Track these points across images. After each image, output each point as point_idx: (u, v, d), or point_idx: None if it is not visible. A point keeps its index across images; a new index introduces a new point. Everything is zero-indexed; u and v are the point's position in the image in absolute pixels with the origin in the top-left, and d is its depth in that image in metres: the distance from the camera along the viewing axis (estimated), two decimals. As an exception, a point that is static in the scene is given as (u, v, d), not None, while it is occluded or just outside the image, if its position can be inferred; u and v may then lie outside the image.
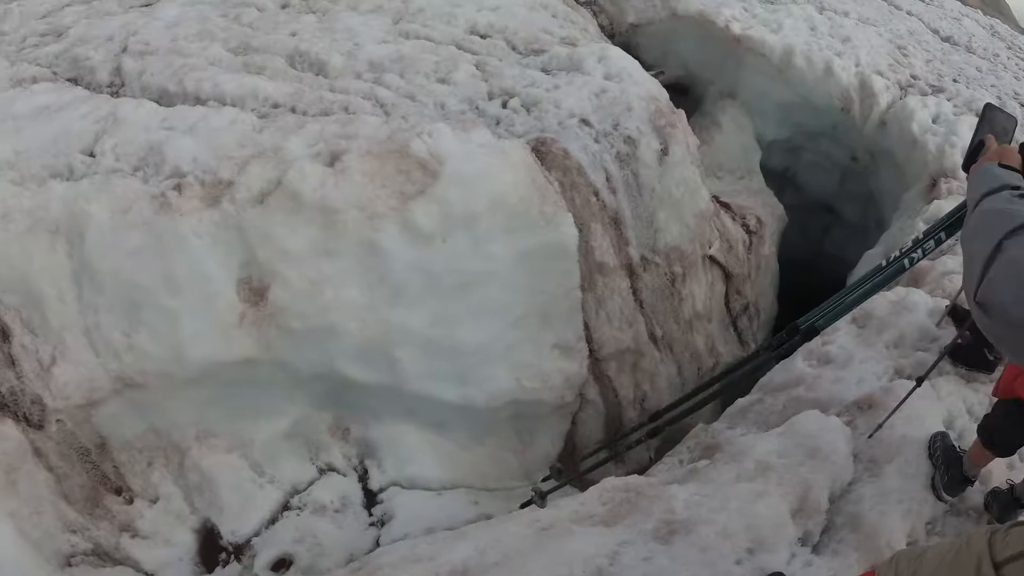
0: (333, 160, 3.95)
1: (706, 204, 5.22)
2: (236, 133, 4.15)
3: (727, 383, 3.38)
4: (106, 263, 3.65)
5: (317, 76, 4.98)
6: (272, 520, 4.10)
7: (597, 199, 4.55)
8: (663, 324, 5.17)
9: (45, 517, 3.56)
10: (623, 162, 4.73)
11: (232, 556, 3.98)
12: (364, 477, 4.40)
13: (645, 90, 5.10)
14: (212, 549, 3.99)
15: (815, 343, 4.11)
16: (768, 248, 6.46)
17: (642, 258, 4.91)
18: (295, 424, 4.26)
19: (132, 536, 3.85)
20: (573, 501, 2.95)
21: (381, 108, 4.60)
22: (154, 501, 3.98)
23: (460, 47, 5.49)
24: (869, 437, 3.21)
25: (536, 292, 4.19)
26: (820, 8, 8.65)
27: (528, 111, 4.76)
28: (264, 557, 3.92)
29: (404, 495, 4.29)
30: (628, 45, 7.60)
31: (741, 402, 3.93)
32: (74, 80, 4.82)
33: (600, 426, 4.97)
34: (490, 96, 4.91)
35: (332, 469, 4.36)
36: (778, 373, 3.97)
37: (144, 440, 4.00)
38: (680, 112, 5.25)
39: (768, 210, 6.66)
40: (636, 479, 3.03)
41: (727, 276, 5.93)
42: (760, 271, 6.40)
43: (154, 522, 3.91)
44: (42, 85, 4.62)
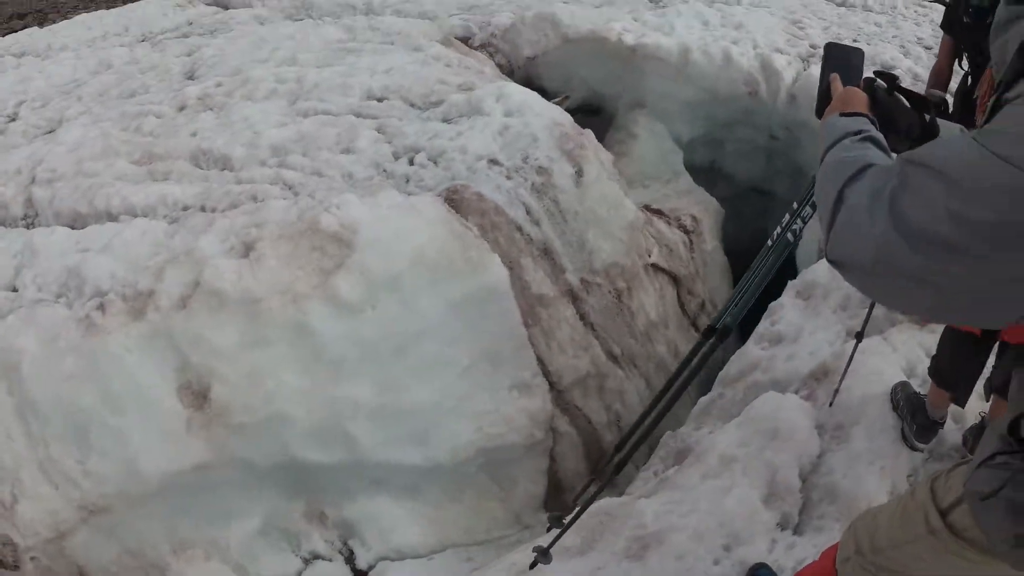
0: (247, 251, 3.92)
1: (634, 215, 5.22)
2: (148, 243, 4.15)
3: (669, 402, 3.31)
4: (46, 393, 3.62)
5: (223, 171, 4.98)
6: (268, 619, 3.98)
7: (521, 234, 4.53)
8: (619, 341, 5.12)
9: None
10: (540, 192, 4.73)
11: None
12: (351, 558, 4.27)
13: (548, 118, 5.13)
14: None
15: (763, 325, 4.09)
16: (710, 243, 6.47)
17: (582, 281, 4.88)
18: (268, 519, 4.14)
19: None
20: (549, 537, 2.86)
21: (289, 190, 4.59)
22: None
23: (359, 115, 5.49)
24: (830, 405, 3.16)
25: (478, 338, 4.13)
26: (710, 2, 8.83)
27: (435, 163, 4.76)
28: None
29: (395, 568, 4.17)
30: (529, 78, 7.68)
31: (703, 401, 3.89)
32: (-12, 218, 4.82)
33: (580, 456, 4.87)
34: (395, 156, 4.91)
35: (317, 556, 4.23)
36: (733, 364, 3.94)
37: (121, 563, 3.87)
38: (587, 132, 5.28)
39: (702, 206, 6.68)
40: (607, 502, 2.95)
41: (675, 280, 5.91)
42: (708, 267, 6.39)
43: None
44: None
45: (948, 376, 2.73)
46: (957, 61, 3.48)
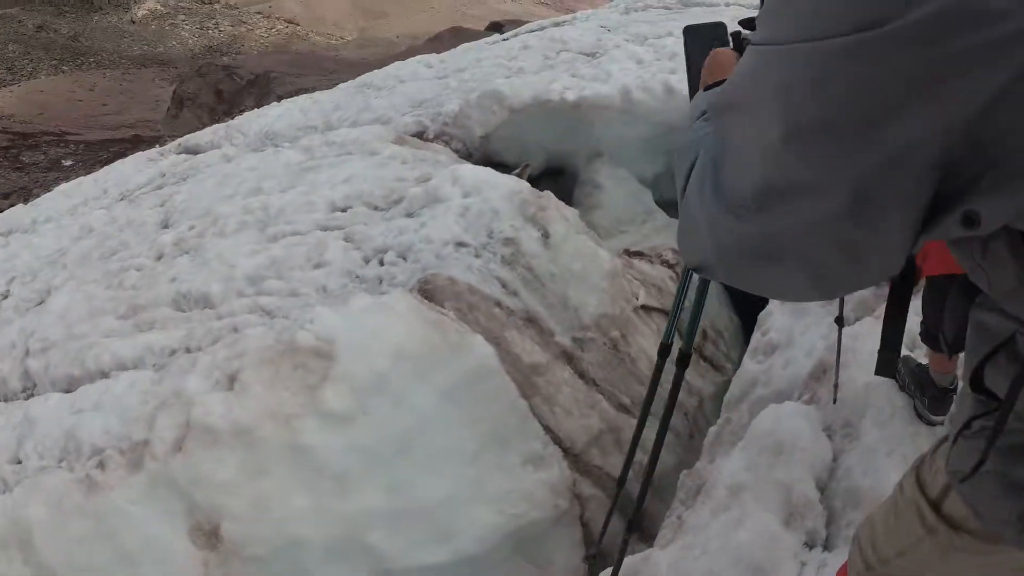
0: (231, 382, 3.92)
1: (611, 263, 5.21)
2: (137, 393, 4.17)
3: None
4: (59, 558, 3.58)
5: (204, 309, 5.02)
6: None
7: (501, 308, 4.53)
8: (626, 390, 5.05)
9: None
10: (512, 263, 4.74)
11: None
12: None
13: (505, 189, 5.18)
14: None
15: (755, 339, 4.02)
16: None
17: (574, 339, 4.84)
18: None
19: None
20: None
21: (267, 315, 4.61)
22: None
23: (326, 228, 5.56)
24: (834, 403, 3.07)
25: (479, 421, 4.09)
26: (642, 42, 8.99)
27: (405, 259, 4.79)
28: None
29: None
30: (488, 155, 7.78)
31: (713, 431, 3.79)
32: (-9, 397, 4.90)
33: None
34: (366, 260, 4.95)
35: None
36: (735, 385, 3.87)
37: None
38: (546, 193, 5.32)
39: (680, 239, 6.68)
40: (632, 560, 2.86)
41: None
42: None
43: None
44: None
45: (931, 331, 2.56)
46: None
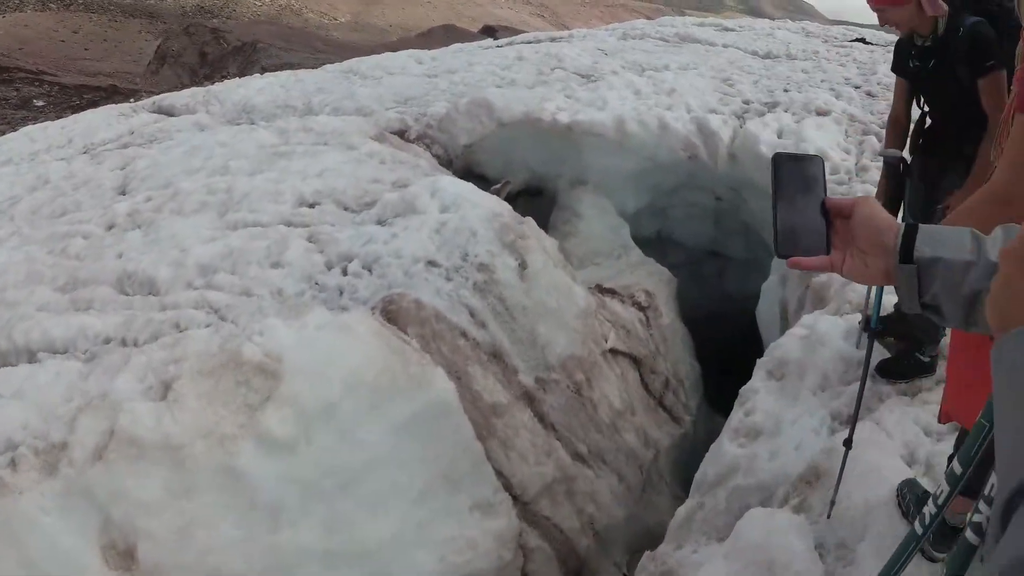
0: (165, 391, 3.58)
1: (585, 302, 4.98)
2: (62, 386, 3.78)
3: None
4: None
5: (147, 295, 4.66)
6: None
7: (467, 339, 4.26)
8: (584, 438, 4.83)
9: None
10: (484, 291, 4.48)
11: None
12: None
13: (486, 210, 4.91)
14: None
15: (736, 417, 3.75)
16: (667, 316, 6.25)
17: (537, 380, 4.60)
18: None
19: None
20: None
21: (215, 314, 4.27)
22: None
23: (290, 223, 5.24)
24: (828, 517, 2.83)
25: (431, 461, 3.82)
26: (640, 72, 8.81)
27: (370, 271, 4.49)
28: None
29: None
30: (469, 166, 7.52)
31: (682, 512, 3.51)
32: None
33: (556, 570, 4.53)
34: (328, 267, 4.64)
35: None
36: (709, 465, 3.60)
37: None
38: (527, 220, 5.06)
39: (655, 279, 6.48)
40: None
41: (636, 361, 5.66)
42: (668, 342, 6.16)
43: None
44: None
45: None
46: (914, 102, 3.34)
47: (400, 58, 12.38)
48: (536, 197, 7.54)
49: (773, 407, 3.61)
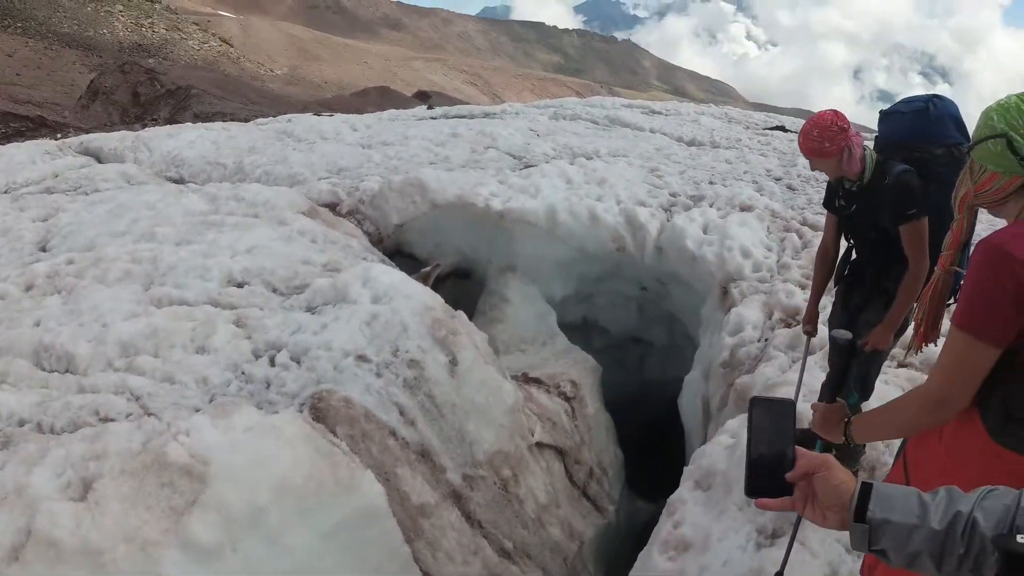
0: (86, 490, 3.43)
1: (513, 398, 5.02)
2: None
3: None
4: None
5: (65, 373, 4.47)
6: None
7: (396, 439, 4.24)
8: (510, 535, 4.83)
9: None
10: (413, 388, 4.48)
11: None
12: None
13: (418, 302, 4.94)
14: None
15: (665, 528, 3.78)
16: (591, 406, 6.34)
17: (464, 478, 4.60)
18: None
19: None
20: None
21: (136, 402, 4.13)
22: None
23: (217, 304, 5.14)
24: None
25: (358, 566, 3.76)
26: (572, 159, 9.05)
27: (299, 363, 4.45)
28: None
29: None
30: (399, 245, 7.56)
31: None
32: None
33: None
34: (256, 355, 4.58)
35: None
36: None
37: None
38: (459, 315, 5.11)
39: (580, 367, 6.59)
40: None
41: (561, 452, 5.71)
42: (592, 431, 6.24)
43: None
44: None
45: None
46: (843, 236, 3.55)
47: (335, 122, 12.43)
48: (465, 279, 7.62)
49: (701, 519, 3.68)
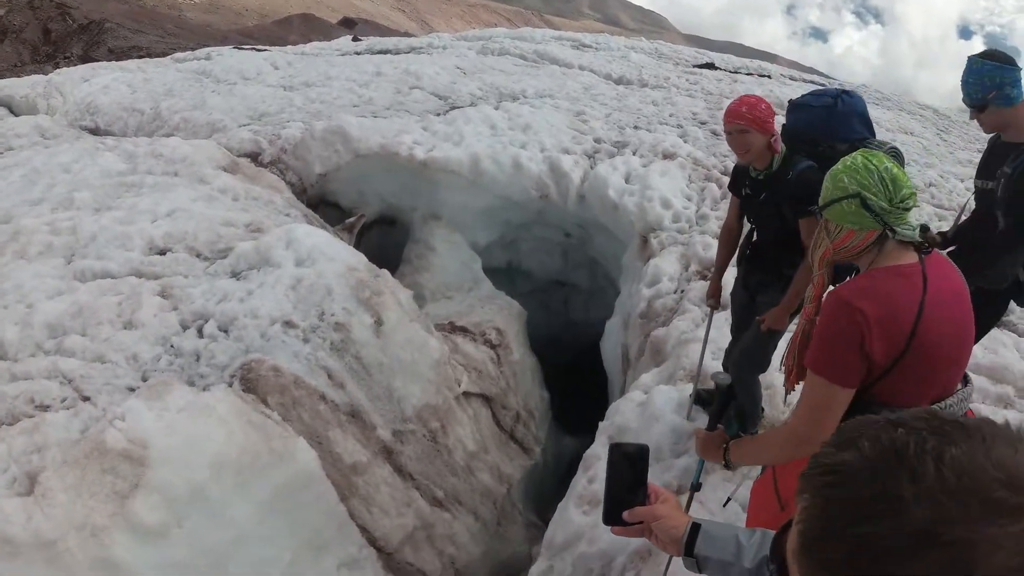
0: (32, 484, 3.54)
1: (439, 352, 5.23)
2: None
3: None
4: None
5: (-3, 360, 4.52)
6: None
7: (326, 403, 4.42)
8: (441, 484, 5.10)
9: None
10: (341, 351, 4.64)
11: None
12: None
13: (342, 264, 5.05)
14: None
15: (581, 482, 4.04)
16: (517, 352, 6.59)
17: (394, 433, 4.82)
18: None
19: None
20: None
21: (69, 385, 4.21)
22: None
23: (141, 274, 5.18)
24: None
25: (297, 530, 3.98)
26: (498, 100, 9.07)
27: (227, 332, 4.55)
28: None
29: None
30: (323, 195, 7.59)
31: (535, 572, 3.81)
32: None
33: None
34: (183, 326, 4.66)
35: None
36: (559, 529, 3.88)
37: None
38: (383, 273, 5.25)
39: (505, 313, 6.81)
40: None
41: (488, 399, 5.98)
42: (517, 376, 6.51)
43: None
44: None
45: None
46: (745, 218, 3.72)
47: (255, 61, 12.13)
48: (390, 227, 7.71)
49: (612, 476, 3.97)
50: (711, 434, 2.20)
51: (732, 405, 2.35)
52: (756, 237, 3.69)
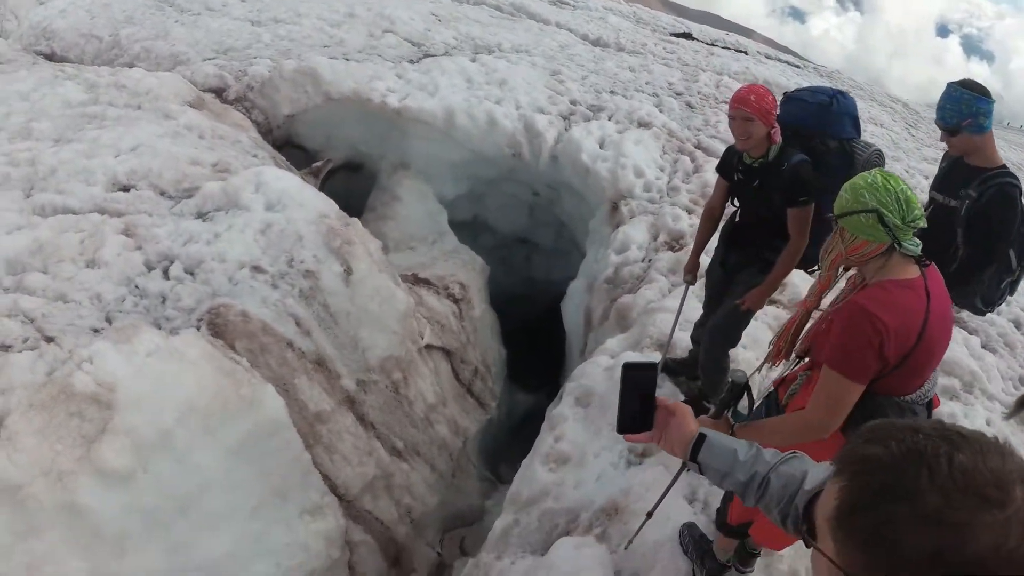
0: (-1, 427, 3.50)
1: (405, 304, 5.25)
2: None
3: None
4: None
5: (-48, 296, 4.40)
6: None
7: (293, 350, 4.43)
8: (401, 434, 5.17)
9: None
10: (309, 298, 4.64)
11: None
12: None
13: (313, 210, 5.02)
14: None
15: (547, 441, 4.11)
16: (478, 307, 6.65)
17: (358, 383, 4.87)
18: None
19: None
20: None
21: (32, 324, 4.12)
22: None
23: (104, 211, 5.06)
24: (625, 548, 3.27)
25: (263, 476, 4.02)
26: (473, 52, 8.96)
27: (193, 275, 4.51)
28: None
29: None
30: (289, 136, 7.47)
31: (499, 525, 3.88)
32: None
33: (379, 558, 4.88)
34: (148, 267, 4.59)
35: None
36: (524, 485, 3.96)
37: None
38: (354, 222, 5.23)
39: (468, 268, 6.84)
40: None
41: (448, 353, 6.04)
42: (478, 331, 6.58)
43: None
44: None
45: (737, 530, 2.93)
46: (729, 200, 3.78)
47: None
48: (356, 173, 7.63)
49: (579, 436, 4.08)
50: (716, 422, 2.32)
51: (744, 400, 2.47)
52: (739, 219, 3.77)
